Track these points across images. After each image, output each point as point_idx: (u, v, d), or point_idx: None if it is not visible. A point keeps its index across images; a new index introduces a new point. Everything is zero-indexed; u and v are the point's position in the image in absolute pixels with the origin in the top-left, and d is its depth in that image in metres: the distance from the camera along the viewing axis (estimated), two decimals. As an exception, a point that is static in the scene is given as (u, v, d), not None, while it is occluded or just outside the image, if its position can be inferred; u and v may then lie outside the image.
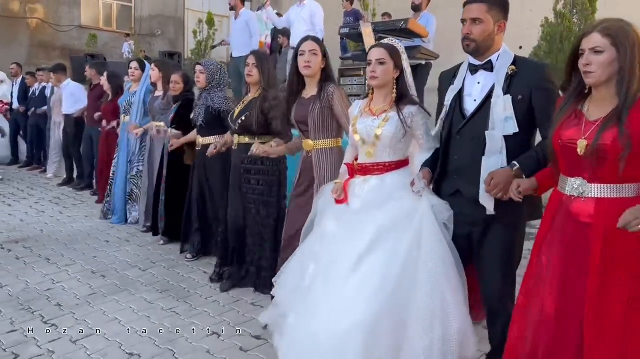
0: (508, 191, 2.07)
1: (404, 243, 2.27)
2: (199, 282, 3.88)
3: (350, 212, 2.53)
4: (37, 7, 14.56)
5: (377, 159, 2.55)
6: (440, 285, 2.20)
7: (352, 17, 9.07)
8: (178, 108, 4.61)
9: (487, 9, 2.21)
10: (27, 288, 3.74)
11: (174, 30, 17.28)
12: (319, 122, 3.01)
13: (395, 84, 2.55)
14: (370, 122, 2.54)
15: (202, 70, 4.14)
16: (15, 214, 5.79)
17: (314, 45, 3.01)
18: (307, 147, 3.10)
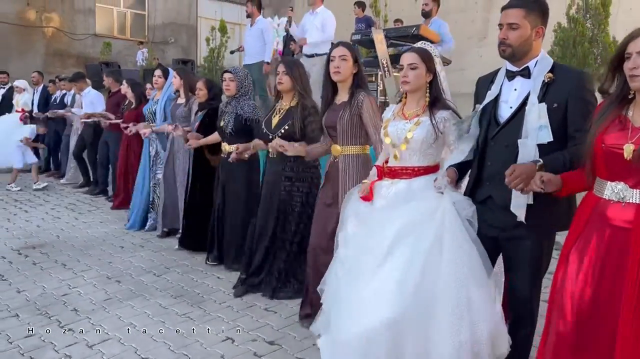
0: (529, 183, 2.01)
1: (426, 239, 2.24)
2: (212, 287, 3.90)
3: (372, 211, 2.55)
4: (53, 16, 14.82)
5: (405, 163, 2.55)
6: (464, 280, 2.16)
7: (364, 24, 9.13)
8: (203, 116, 4.59)
9: (525, 14, 2.19)
10: (44, 293, 3.80)
11: (187, 37, 17.49)
12: (347, 128, 3.03)
13: (428, 88, 2.54)
14: (402, 125, 2.54)
15: (231, 78, 4.11)
16: (32, 220, 5.87)
17: (344, 51, 3.01)
18: (335, 152, 3.12)
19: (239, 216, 4.18)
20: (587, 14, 6.19)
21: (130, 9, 16.56)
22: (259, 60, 6.94)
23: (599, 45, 6.08)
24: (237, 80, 4.11)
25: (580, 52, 5.95)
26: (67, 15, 15.07)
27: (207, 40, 11.01)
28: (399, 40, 5.62)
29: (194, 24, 17.63)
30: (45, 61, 14.47)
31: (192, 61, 11.05)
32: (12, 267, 4.33)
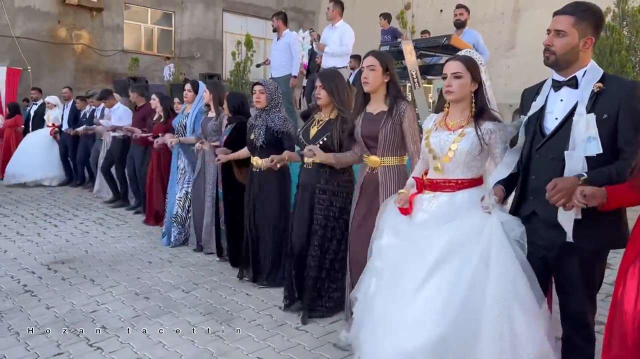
0: (571, 198, 1.92)
1: (471, 261, 2.16)
2: (242, 305, 3.82)
3: (413, 226, 2.47)
4: (83, 33, 15.10)
5: (448, 175, 2.45)
6: (509, 306, 2.07)
7: (390, 35, 9.05)
8: (232, 130, 4.55)
9: (574, 22, 2.11)
10: (73, 309, 3.76)
11: (213, 52, 17.64)
12: (389, 138, 2.97)
13: (473, 98, 2.43)
14: (445, 136, 2.44)
15: (262, 90, 4.06)
16: (61, 234, 5.89)
17: (372, 61, 2.95)
18: (373, 163, 3.04)
19: (271, 232, 4.12)
20: (624, 22, 5.99)
21: (158, 25, 16.79)
22: (285, 74, 6.92)
23: (637, 53, 5.88)
24: (268, 92, 4.06)
25: (618, 61, 5.74)
26: (97, 32, 15.34)
27: (233, 54, 11.04)
28: (429, 51, 5.53)
29: (219, 39, 17.79)
30: (75, 77, 14.73)
31: (218, 75, 11.08)
32: (41, 282, 4.32)
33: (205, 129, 5.05)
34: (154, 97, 6.18)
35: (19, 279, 4.40)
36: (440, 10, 14.33)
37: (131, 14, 16.24)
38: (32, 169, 8.95)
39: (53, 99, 9.51)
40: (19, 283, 4.33)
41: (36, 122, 9.78)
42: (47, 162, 9.15)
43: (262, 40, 17.31)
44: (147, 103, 6.79)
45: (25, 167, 8.91)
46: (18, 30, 13.78)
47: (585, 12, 2.12)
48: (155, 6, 16.56)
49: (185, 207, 5.35)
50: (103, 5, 15.27)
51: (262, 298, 3.92)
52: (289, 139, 4.01)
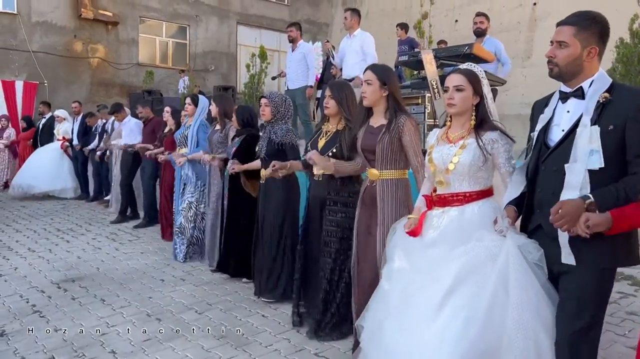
0: (575, 224, 1.87)
1: (488, 287, 2.09)
2: (257, 327, 3.63)
3: (423, 246, 2.40)
4: (99, 47, 15.19)
5: (455, 189, 2.40)
6: (532, 328, 2.01)
7: (407, 45, 8.88)
8: (241, 142, 4.58)
9: (575, 32, 2.05)
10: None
11: (227, 65, 17.65)
12: (386, 152, 2.92)
13: (474, 111, 2.41)
14: (447, 150, 2.41)
15: (267, 103, 4.09)
16: (73, 250, 5.77)
17: (369, 75, 2.97)
18: (372, 176, 3.01)
19: (272, 242, 4.08)
20: (652, 29, 5.76)
21: (172, 38, 16.84)
22: (302, 85, 6.76)
23: (666, 61, 5.64)
24: (272, 105, 4.07)
25: (647, 69, 5.51)
26: (112, 46, 15.42)
27: (247, 66, 10.95)
28: (450, 60, 5.34)
29: (233, 52, 17.80)
30: (90, 91, 14.80)
31: (232, 88, 11.00)
32: (50, 302, 4.19)
33: (211, 141, 5.06)
34: (167, 110, 6.17)
35: (27, 299, 4.27)
36: (456, 21, 14.19)
37: (146, 28, 16.32)
38: (39, 181, 8.96)
39: (62, 112, 9.56)
40: (27, 302, 4.20)
41: (44, 135, 9.81)
42: (56, 174, 9.15)
43: (276, 52, 17.28)
44: (155, 116, 6.96)
45: (33, 179, 8.91)
46: (35, 45, 13.87)
47: (588, 22, 2.06)
48: (170, 20, 16.63)
49: (188, 218, 5.28)
50: (118, 19, 15.37)
51: (279, 319, 3.74)
52: (293, 150, 3.99)
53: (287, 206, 4.09)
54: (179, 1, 16.58)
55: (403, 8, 15.99)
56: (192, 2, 16.82)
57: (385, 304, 2.41)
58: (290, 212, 4.09)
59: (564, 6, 13.53)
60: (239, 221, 4.56)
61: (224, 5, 17.45)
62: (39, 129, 10.00)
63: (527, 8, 13.13)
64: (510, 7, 13.46)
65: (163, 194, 6.14)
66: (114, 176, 7.72)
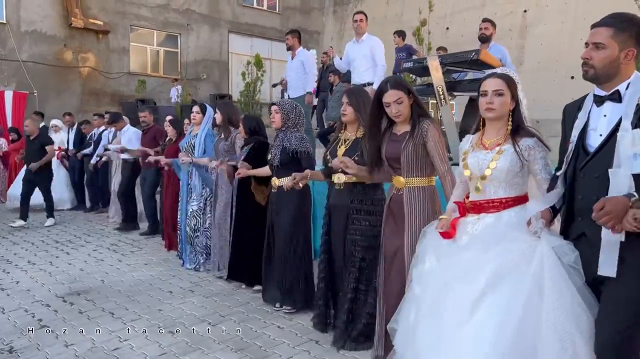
0: (622, 220, 1.82)
1: (523, 290, 2.06)
2: (275, 339, 3.55)
3: (456, 249, 2.37)
4: (89, 56, 15.04)
5: (491, 195, 2.37)
6: (568, 332, 1.95)
7: (405, 53, 8.90)
8: (250, 150, 4.53)
9: (613, 34, 2.02)
10: (94, 346, 3.49)
11: (219, 73, 17.59)
12: (412, 159, 2.88)
13: (510, 116, 2.38)
14: (483, 156, 2.38)
15: (277, 110, 4.04)
16: (75, 262, 5.64)
17: (397, 95, 2.89)
18: (398, 184, 2.96)
19: (288, 252, 3.99)
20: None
21: (163, 47, 16.75)
22: (302, 94, 6.69)
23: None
24: (282, 112, 4.02)
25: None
26: (103, 55, 15.27)
27: (243, 74, 10.89)
28: (457, 66, 5.33)
29: (225, 60, 17.74)
30: (81, 100, 14.64)
31: (229, 96, 10.94)
32: (57, 316, 4.06)
33: (217, 150, 5.01)
34: (168, 119, 6.20)
35: (33, 313, 4.14)
36: (447, 28, 14.26)
37: (137, 37, 16.21)
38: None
39: (58, 122, 9.42)
40: (33, 317, 4.07)
41: None
42: (52, 185, 8.95)
43: (267, 60, 17.23)
44: (154, 124, 6.89)
45: None
46: (24, 54, 13.70)
47: (626, 23, 2.03)
48: (161, 28, 16.54)
49: (192, 226, 5.23)
50: (109, 28, 15.25)
51: (296, 331, 3.66)
52: (307, 158, 3.94)
53: (302, 215, 4.03)
54: (169, 10, 16.50)
55: (394, 16, 16.07)
56: (183, 10, 16.75)
57: (417, 307, 2.39)
58: (304, 221, 4.05)
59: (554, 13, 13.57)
60: (249, 229, 4.49)
61: (215, 14, 17.41)
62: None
63: (518, 15, 13.24)
64: (501, 15, 13.54)
65: (168, 204, 6.01)
66: (113, 185, 7.60)
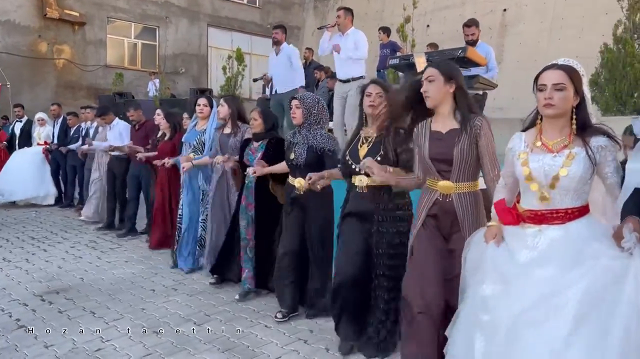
0: None
1: (618, 320, 1.78)
2: (262, 339, 3.49)
3: (522, 269, 2.04)
4: (64, 47, 14.71)
5: (556, 204, 2.07)
6: None
7: (389, 49, 8.89)
8: (266, 147, 4.21)
9: None
10: (75, 348, 3.38)
11: (198, 67, 17.37)
12: (465, 160, 2.54)
13: (574, 113, 2.08)
14: (550, 160, 2.06)
15: (297, 105, 3.72)
16: (52, 260, 5.48)
17: (430, 72, 2.60)
18: (446, 190, 2.59)
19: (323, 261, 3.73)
20: (635, 34, 5.90)
21: (141, 39, 16.47)
22: (291, 89, 6.59)
23: (650, 65, 5.78)
24: (304, 107, 3.69)
25: (631, 74, 5.63)
26: (79, 47, 14.95)
27: (224, 69, 10.77)
28: (443, 64, 5.30)
29: (204, 54, 17.52)
30: (56, 93, 14.29)
31: (210, 90, 10.76)
32: (36, 316, 3.93)
33: (224, 147, 4.68)
34: (159, 113, 5.80)
35: (10, 313, 3.99)
36: (427, 26, 14.29)
37: (114, 29, 15.91)
38: (23, 187, 8.49)
39: (44, 115, 9.08)
40: (10, 316, 3.93)
41: (23, 139, 9.29)
42: (39, 180, 8.68)
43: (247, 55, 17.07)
44: (147, 120, 6.42)
45: (15, 185, 8.45)
46: (-3, 45, 13.32)
47: None
48: (139, 21, 16.26)
49: (206, 229, 4.93)
50: (85, 19, 14.94)
51: (284, 330, 3.60)
52: (332, 158, 3.62)
53: (332, 217, 3.75)
54: (147, 2, 16.23)
55: (374, 12, 16.05)
56: (161, 3, 16.49)
57: (488, 336, 2.05)
58: (329, 227, 3.74)
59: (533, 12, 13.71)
60: (272, 232, 4.17)
61: (194, 7, 17.18)
62: (16, 134, 9.41)
63: (498, 14, 13.33)
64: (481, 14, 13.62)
65: (163, 202, 5.63)
66: (92, 181, 7.25)
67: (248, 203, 4.23)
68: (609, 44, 5.98)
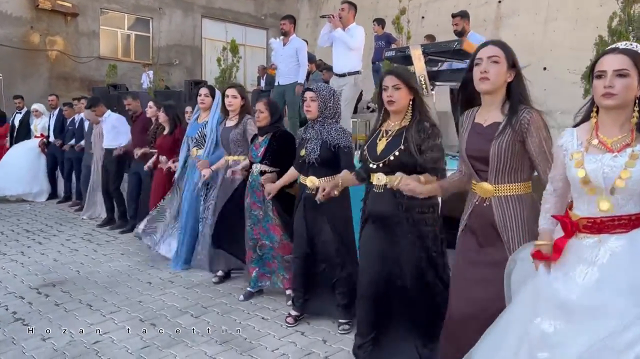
0: None
1: None
2: (259, 331, 3.51)
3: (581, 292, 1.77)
4: (57, 39, 14.57)
5: (618, 211, 1.80)
6: None
7: (384, 41, 8.87)
8: (270, 141, 3.93)
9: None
10: (73, 340, 3.39)
11: (192, 59, 17.26)
12: (505, 159, 2.18)
13: (636, 105, 1.80)
14: (609, 160, 1.79)
15: (313, 97, 3.42)
16: (48, 253, 5.47)
17: (495, 50, 2.20)
18: (484, 192, 2.26)
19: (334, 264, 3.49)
20: (630, 27, 5.89)
21: (134, 31, 16.33)
22: (293, 81, 6.54)
23: (644, 59, 5.78)
24: (320, 100, 3.41)
25: (626, 66, 5.64)
26: (71, 39, 14.81)
27: (219, 60, 10.70)
28: (439, 56, 5.31)
29: (198, 45, 17.42)
30: (49, 84, 14.16)
31: (205, 82, 10.70)
32: (32, 309, 3.93)
33: (226, 140, 4.41)
34: (151, 105, 5.68)
35: (6, 306, 3.99)
36: (422, 17, 14.27)
37: (107, 20, 15.75)
38: (15, 183, 8.34)
39: (40, 107, 8.89)
40: (7, 309, 3.93)
41: (21, 132, 9.14)
42: (33, 176, 8.54)
43: (242, 46, 16.98)
44: (142, 112, 6.18)
45: (7, 181, 8.29)
46: (-12, 36, 13.18)
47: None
48: (132, 12, 16.11)
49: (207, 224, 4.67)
50: (78, 10, 14.77)
51: (281, 322, 3.62)
52: (347, 154, 3.36)
53: (350, 217, 3.51)
54: (141, -7, 16.09)
55: (369, 3, 15.97)
56: (155, -7, 16.35)
57: None
58: (351, 224, 3.51)
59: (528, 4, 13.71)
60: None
61: (188, -2, 17.04)
62: (15, 126, 9.26)
63: (493, 6, 13.32)
64: (476, 5, 13.61)
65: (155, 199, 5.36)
66: (94, 181, 6.99)
67: (252, 202, 3.99)
68: (604, 36, 5.97)
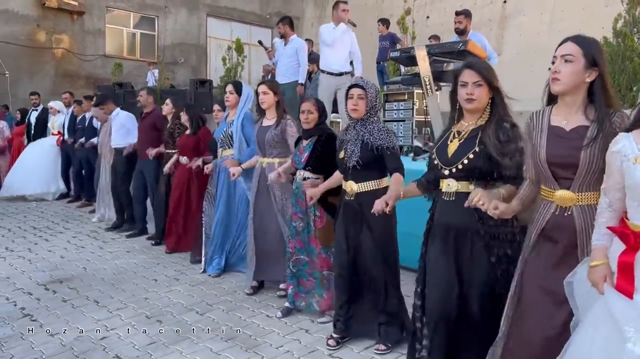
0: None
1: None
2: (264, 328, 3.55)
3: None
4: (63, 37, 14.64)
5: None
6: None
7: (389, 41, 8.91)
8: (314, 145, 3.55)
9: None
10: (80, 336, 3.44)
11: (197, 57, 17.31)
12: (595, 166, 1.97)
13: None
14: None
15: (361, 95, 3.07)
16: (55, 250, 5.53)
17: (571, 48, 2.00)
18: (564, 201, 2.05)
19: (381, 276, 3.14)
20: (635, 28, 5.92)
21: (140, 29, 16.41)
22: (292, 80, 6.63)
23: (649, 60, 5.80)
24: (369, 98, 3.08)
25: (630, 68, 5.66)
26: (77, 37, 14.89)
27: (224, 59, 10.76)
28: (444, 56, 5.33)
29: (203, 44, 17.47)
30: (55, 82, 14.26)
31: (210, 81, 10.75)
32: (40, 305, 3.99)
33: (261, 141, 4.03)
34: (167, 103, 5.61)
35: (15, 302, 4.05)
36: (427, 17, 14.28)
37: (113, 18, 15.83)
38: (33, 183, 8.25)
39: (56, 104, 8.83)
40: (15, 305, 3.99)
41: (38, 129, 9.06)
42: (52, 176, 8.46)
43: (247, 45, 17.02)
44: (155, 109, 6.05)
45: (26, 180, 8.21)
46: (-5, 34, 13.26)
47: None
48: (138, 10, 16.18)
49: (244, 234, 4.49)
50: (84, 8, 14.84)
51: (285, 320, 3.66)
52: (393, 157, 3.05)
53: (395, 229, 3.19)
54: (146, -9, 16.15)
55: (374, 3, 16.01)
56: (160, -8, 16.41)
57: None
58: (395, 237, 3.20)
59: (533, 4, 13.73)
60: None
61: (194, -4, 17.10)
62: (32, 124, 9.18)
63: (498, 5, 13.33)
64: (481, 5, 13.64)
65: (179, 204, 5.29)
66: (104, 183, 6.82)
67: (293, 212, 3.66)
68: (608, 37, 5.99)
